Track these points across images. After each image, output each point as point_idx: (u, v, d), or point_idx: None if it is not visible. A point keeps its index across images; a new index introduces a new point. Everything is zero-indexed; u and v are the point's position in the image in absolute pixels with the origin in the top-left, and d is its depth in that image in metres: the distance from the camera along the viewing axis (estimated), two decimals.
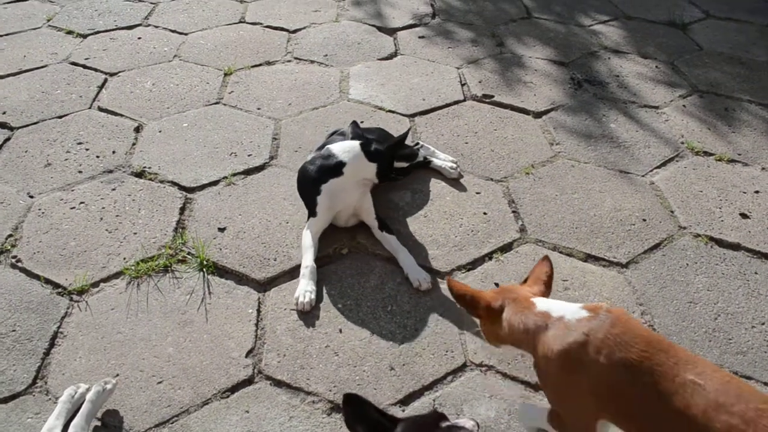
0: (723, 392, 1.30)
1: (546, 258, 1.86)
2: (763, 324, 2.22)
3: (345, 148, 2.43)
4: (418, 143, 2.95)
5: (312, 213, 2.44)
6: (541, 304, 1.65)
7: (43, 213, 2.61)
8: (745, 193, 2.84)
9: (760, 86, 3.70)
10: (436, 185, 2.82)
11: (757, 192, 2.85)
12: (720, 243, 2.57)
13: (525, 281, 1.82)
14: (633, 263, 2.46)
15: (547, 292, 1.76)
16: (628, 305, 2.27)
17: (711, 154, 3.10)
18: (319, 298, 2.27)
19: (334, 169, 2.40)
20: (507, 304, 1.69)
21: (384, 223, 2.51)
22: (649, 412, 1.37)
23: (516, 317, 1.65)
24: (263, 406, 1.91)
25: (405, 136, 2.48)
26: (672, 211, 2.72)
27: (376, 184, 2.54)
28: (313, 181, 2.42)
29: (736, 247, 2.55)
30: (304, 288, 2.24)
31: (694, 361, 1.39)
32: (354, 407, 1.49)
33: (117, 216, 2.61)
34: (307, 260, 2.32)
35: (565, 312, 1.57)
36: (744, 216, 2.70)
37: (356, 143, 2.43)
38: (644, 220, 2.66)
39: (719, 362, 2.08)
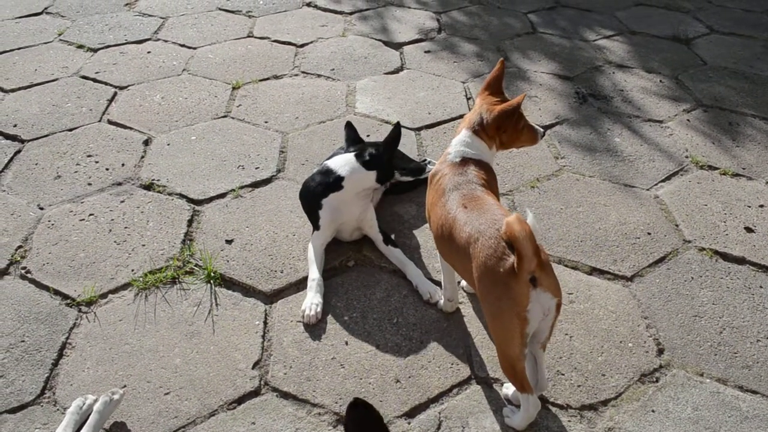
0: (477, 212, 1.80)
1: (500, 61, 2.19)
2: None
3: (341, 163, 2.44)
4: (425, 159, 2.97)
5: (315, 227, 2.47)
6: (458, 137, 2.09)
7: (52, 225, 2.64)
8: (749, 207, 2.85)
9: (764, 101, 3.72)
10: None
11: (761, 206, 2.85)
12: (725, 257, 2.57)
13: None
14: (638, 276, 2.46)
15: (498, 94, 2.17)
16: (633, 318, 2.28)
17: (715, 168, 3.11)
18: (325, 310, 2.28)
19: (333, 184, 2.41)
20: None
21: (388, 236, 2.52)
22: (443, 221, 1.91)
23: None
24: (269, 418, 1.92)
25: (398, 132, 2.44)
26: (677, 225, 2.73)
27: (379, 188, 2.54)
28: (314, 196, 2.45)
29: (741, 260, 2.55)
30: (310, 300, 2.25)
31: (479, 198, 1.88)
32: (359, 415, 1.40)
33: (125, 228, 2.64)
34: (314, 273, 2.34)
35: (451, 152, 2.06)
36: (749, 230, 2.71)
37: (351, 156, 2.45)
38: (649, 233, 2.67)
39: (724, 376, 2.08)
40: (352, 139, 2.61)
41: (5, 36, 4.27)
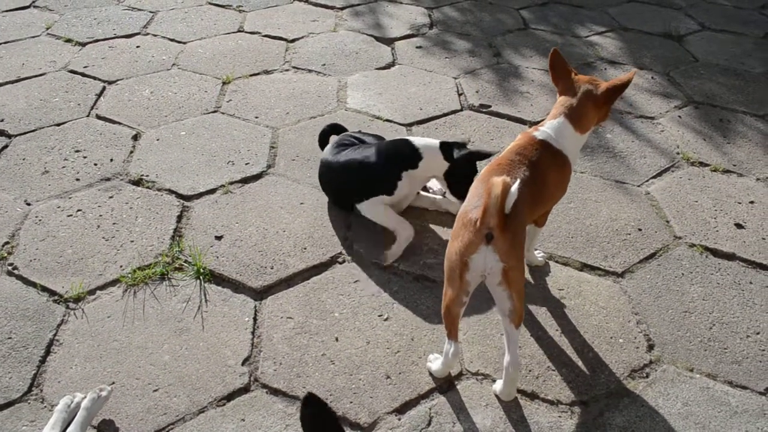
0: (479, 188, 1.84)
1: (552, 52, 2.12)
2: (757, 333, 2.23)
3: (428, 144, 2.54)
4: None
5: (387, 192, 2.52)
6: (551, 121, 2.08)
7: (40, 220, 2.61)
8: (740, 203, 2.86)
9: (755, 98, 3.73)
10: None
11: (752, 202, 2.86)
12: (715, 253, 2.58)
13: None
14: (628, 273, 2.47)
15: (570, 74, 2.12)
16: (624, 314, 2.28)
17: (706, 165, 3.12)
18: (315, 306, 2.27)
19: (411, 159, 2.51)
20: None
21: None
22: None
23: None
24: (259, 415, 1.91)
25: (488, 154, 2.57)
26: (667, 221, 2.73)
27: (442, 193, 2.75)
28: (394, 165, 2.52)
29: (731, 257, 2.56)
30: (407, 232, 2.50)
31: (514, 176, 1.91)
32: (314, 411, 1.36)
33: (114, 224, 2.61)
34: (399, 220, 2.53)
35: (539, 129, 2.06)
36: (739, 226, 2.72)
37: (436, 142, 2.54)
38: (640, 229, 2.67)
39: (714, 371, 2.09)
40: (450, 148, 2.58)
41: None
